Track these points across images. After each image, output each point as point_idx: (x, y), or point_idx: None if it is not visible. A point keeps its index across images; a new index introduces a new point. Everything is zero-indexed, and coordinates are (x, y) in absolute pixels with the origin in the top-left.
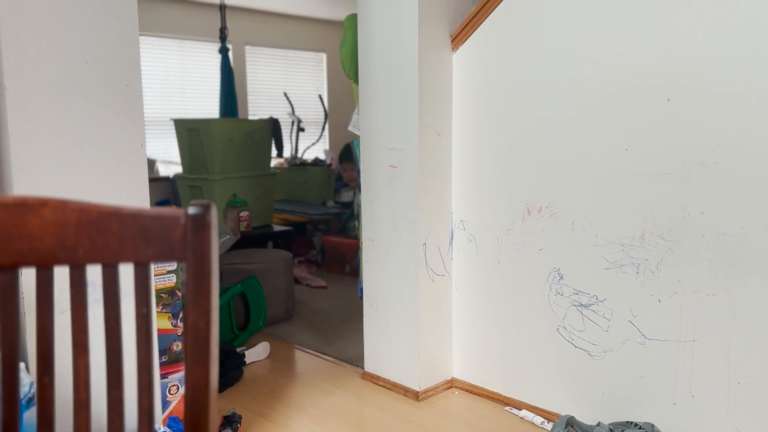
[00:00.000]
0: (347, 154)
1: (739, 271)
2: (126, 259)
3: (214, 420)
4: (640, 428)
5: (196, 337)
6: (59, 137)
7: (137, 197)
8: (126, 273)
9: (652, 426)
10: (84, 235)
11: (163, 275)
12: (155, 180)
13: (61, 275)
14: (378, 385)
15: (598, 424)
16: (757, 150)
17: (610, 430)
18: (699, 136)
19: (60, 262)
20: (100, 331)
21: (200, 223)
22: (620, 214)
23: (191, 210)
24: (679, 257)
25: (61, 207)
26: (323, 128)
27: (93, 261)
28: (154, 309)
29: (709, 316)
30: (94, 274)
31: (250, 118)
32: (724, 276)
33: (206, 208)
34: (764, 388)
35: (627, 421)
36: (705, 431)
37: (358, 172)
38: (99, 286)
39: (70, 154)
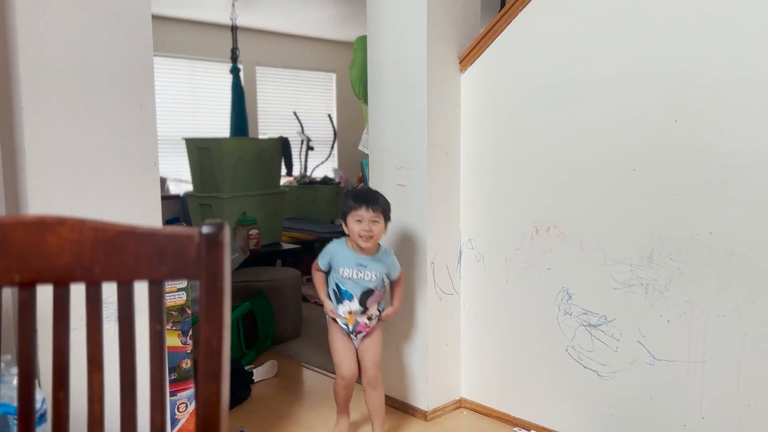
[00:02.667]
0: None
1: (748, 292)
2: (141, 277)
3: None
4: None
5: (208, 353)
6: (74, 157)
7: (149, 216)
8: (139, 290)
9: None
10: (100, 254)
11: (174, 293)
12: (166, 198)
13: (74, 292)
14: (386, 405)
15: None
16: (765, 170)
17: None
18: (706, 156)
19: (76, 280)
20: (112, 348)
21: (214, 242)
22: (628, 234)
23: (205, 229)
24: (688, 277)
25: (79, 226)
26: (332, 147)
27: (109, 279)
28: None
29: (718, 337)
30: (106, 291)
31: (260, 137)
32: (734, 297)
33: (219, 228)
34: None
35: None
36: None
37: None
38: (111, 303)
39: (84, 174)
